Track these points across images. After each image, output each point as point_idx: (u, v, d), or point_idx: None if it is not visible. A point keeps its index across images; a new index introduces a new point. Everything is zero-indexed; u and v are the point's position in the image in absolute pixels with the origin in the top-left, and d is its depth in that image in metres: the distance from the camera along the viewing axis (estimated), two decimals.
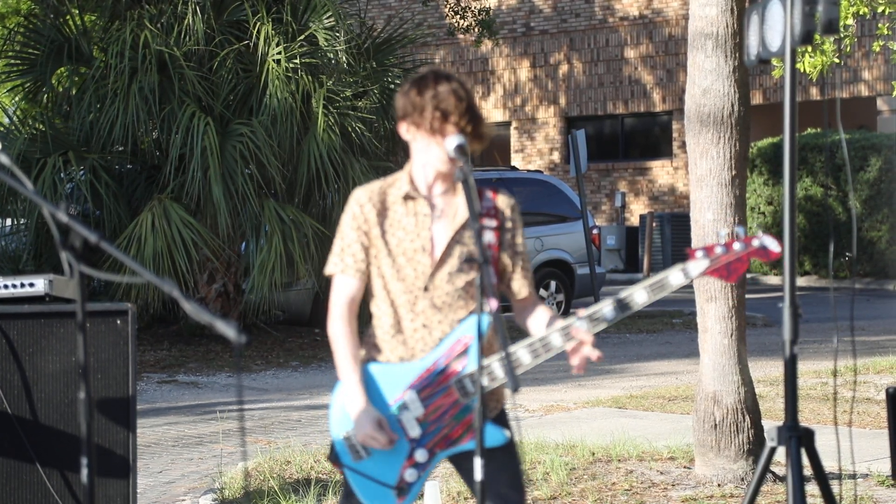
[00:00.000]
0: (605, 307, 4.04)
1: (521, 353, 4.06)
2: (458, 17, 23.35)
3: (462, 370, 4.07)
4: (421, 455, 4.10)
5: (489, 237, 4.14)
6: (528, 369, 4.11)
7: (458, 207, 4.15)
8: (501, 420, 4.21)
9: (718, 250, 4.02)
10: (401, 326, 4.13)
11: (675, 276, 4.01)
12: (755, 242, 4.03)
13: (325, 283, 15.37)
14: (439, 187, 4.17)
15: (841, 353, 12.04)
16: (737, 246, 4.02)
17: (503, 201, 4.21)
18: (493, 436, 4.06)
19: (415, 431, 4.10)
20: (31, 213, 14.27)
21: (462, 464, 4.21)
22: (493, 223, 4.16)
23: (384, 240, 4.14)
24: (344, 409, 4.14)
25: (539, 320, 4.19)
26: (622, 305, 4.03)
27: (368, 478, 4.11)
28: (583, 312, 4.04)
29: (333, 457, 4.18)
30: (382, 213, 4.15)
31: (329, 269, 4.20)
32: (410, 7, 29.56)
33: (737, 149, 7.47)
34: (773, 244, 4.05)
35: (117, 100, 14.41)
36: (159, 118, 14.68)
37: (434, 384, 4.09)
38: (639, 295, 4.02)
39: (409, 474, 4.10)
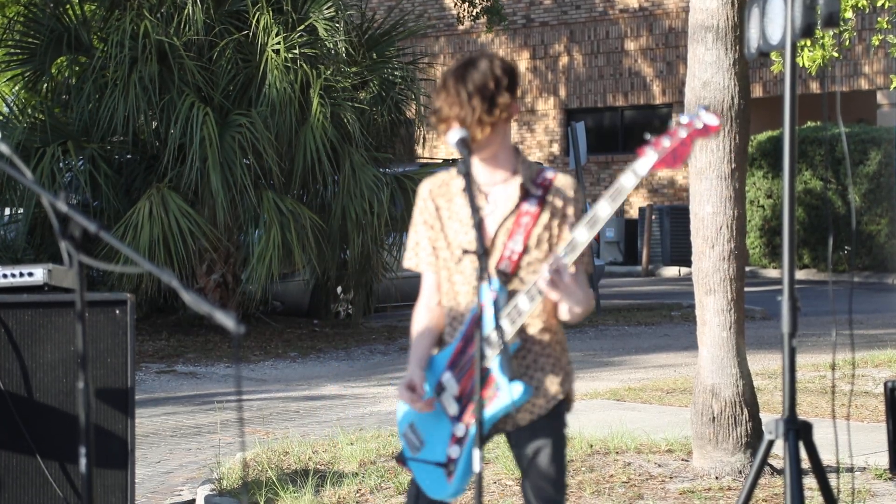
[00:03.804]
0: (577, 231, 4.05)
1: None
2: (467, 3, 23.33)
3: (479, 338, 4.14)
4: (459, 430, 4.18)
5: (529, 208, 4.15)
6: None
7: (506, 198, 4.19)
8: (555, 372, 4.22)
9: (665, 142, 4.00)
10: (464, 318, 4.22)
11: (627, 179, 3.99)
12: (697, 123, 4.00)
13: (323, 274, 15.38)
14: (498, 176, 4.21)
15: (839, 346, 12.05)
16: (681, 132, 4.00)
17: (562, 180, 4.22)
18: (516, 390, 4.08)
19: (453, 409, 4.19)
20: (29, 203, 14.26)
21: (515, 439, 4.27)
22: (538, 192, 4.17)
23: (444, 232, 4.25)
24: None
25: None
26: (592, 223, 4.04)
27: (427, 463, 4.23)
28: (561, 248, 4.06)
29: (400, 456, 4.34)
30: (444, 205, 4.26)
31: (404, 263, 4.40)
32: None
33: (736, 142, 7.46)
34: (711, 119, 4.00)
35: (117, 90, 14.40)
36: (159, 108, 14.67)
37: (462, 360, 4.19)
38: (602, 209, 4.01)
39: (453, 451, 4.18)
